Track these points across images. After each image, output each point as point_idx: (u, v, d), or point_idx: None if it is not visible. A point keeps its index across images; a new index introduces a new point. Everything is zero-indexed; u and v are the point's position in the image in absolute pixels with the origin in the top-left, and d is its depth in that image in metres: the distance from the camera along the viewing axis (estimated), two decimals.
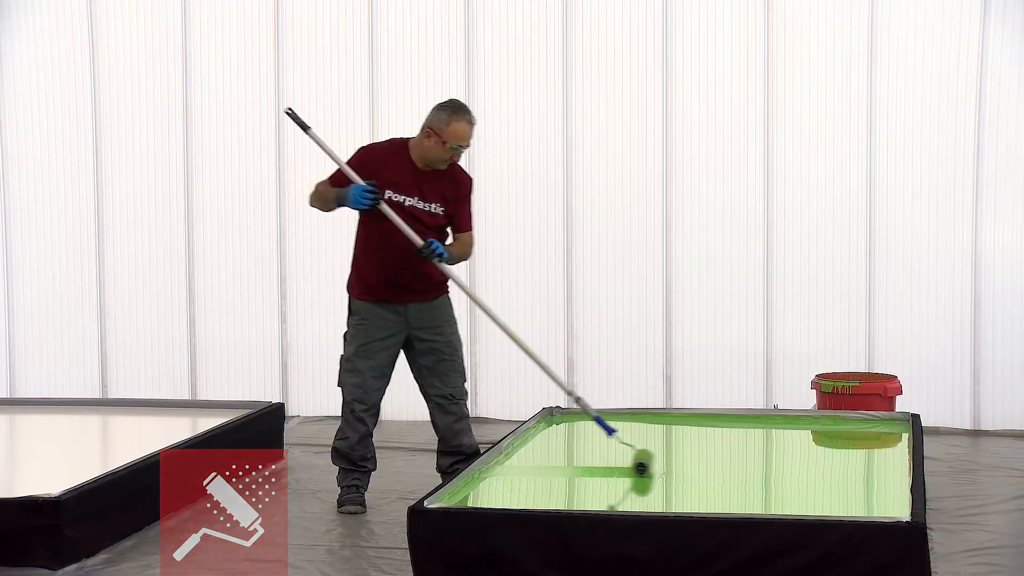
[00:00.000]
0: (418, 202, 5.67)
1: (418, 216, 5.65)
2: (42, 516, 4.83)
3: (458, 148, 5.65)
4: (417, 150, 5.70)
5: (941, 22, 7.58)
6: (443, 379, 5.80)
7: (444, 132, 5.60)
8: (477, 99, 8.02)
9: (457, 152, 5.66)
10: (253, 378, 8.35)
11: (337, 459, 5.86)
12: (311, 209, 8.12)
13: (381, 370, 5.78)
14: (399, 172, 5.67)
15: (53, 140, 8.53)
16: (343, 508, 5.78)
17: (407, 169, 5.68)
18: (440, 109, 5.66)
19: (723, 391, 7.85)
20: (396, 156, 5.71)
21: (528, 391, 7.98)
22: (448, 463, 5.87)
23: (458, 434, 5.84)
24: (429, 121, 5.66)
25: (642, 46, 7.89)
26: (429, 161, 5.68)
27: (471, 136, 5.69)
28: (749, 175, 7.84)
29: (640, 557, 4.41)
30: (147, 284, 8.47)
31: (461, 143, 5.64)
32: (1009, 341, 7.60)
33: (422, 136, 5.67)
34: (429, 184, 5.70)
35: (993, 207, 7.59)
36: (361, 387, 5.76)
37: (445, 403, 5.82)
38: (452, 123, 5.60)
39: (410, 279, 5.69)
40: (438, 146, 5.62)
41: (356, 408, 5.77)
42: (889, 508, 4.92)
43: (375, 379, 5.77)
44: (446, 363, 5.80)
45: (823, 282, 7.82)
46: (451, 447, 5.87)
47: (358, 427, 5.78)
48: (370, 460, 5.88)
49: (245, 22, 8.27)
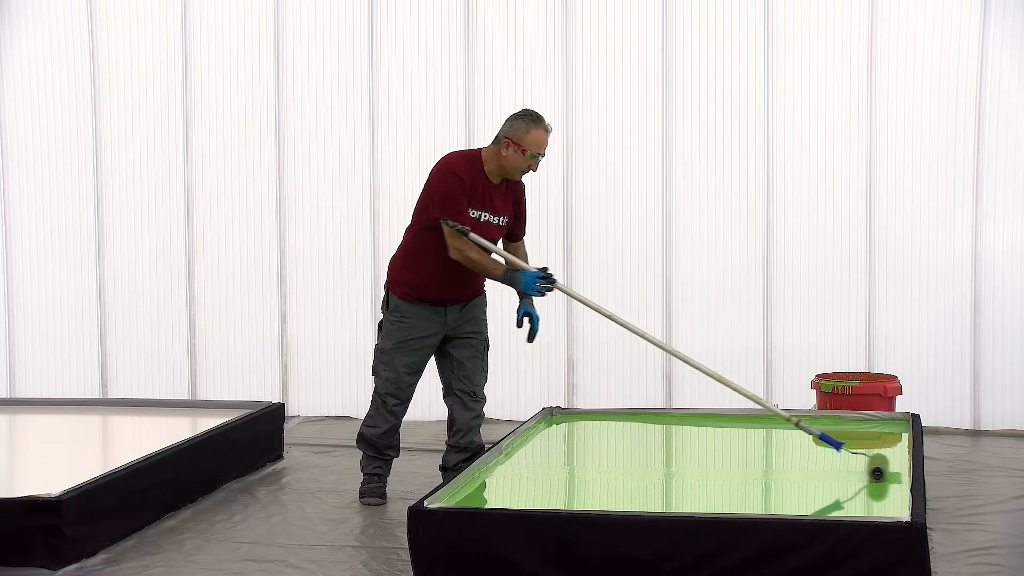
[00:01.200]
0: (492, 217, 5.73)
1: (489, 231, 5.70)
2: (42, 516, 4.83)
3: (537, 157, 5.68)
4: (493, 162, 5.70)
5: (941, 22, 7.58)
6: (470, 375, 5.92)
7: (524, 141, 5.62)
8: (476, 99, 8.03)
9: (536, 161, 5.69)
10: (253, 378, 8.35)
11: (362, 444, 6.00)
12: (311, 209, 8.26)
13: (416, 367, 5.90)
14: (477, 187, 5.69)
15: (53, 140, 8.53)
16: (364, 500, 5.93)
17: (483, 184, 5.71)
18: (517, 119, 5.68)
19: (723, 391, 7.81)
20: (474, 170, 5.70)
21: (528, 391, 7.99)
22: (455, 460, 5.94)
23: (471, 432, 5.94)
24: (506, 131, 5.67)
25: (642, 46, 7.89)
26: (508, 172, 5.71)
27: (547, 143, 5.72)
28: (749, 175, 7.84)
29: (640, 557, 4.42)
30: (147, 284, 8.48)
31: (540, 151, 5.67)
32: (1009, 341, 7.60)
33: (499, 147, 5.67)
34: (499, 197, 5.76)
35: (993, 207, 7.59)
36: (396, 382, 5.87)
37: (468, 399, 5.92)
38: (532, 131, 5.63)
39: (457, 289, 5.81)
40: (518, 155, 5.64)
41: (389, 402, 5.90)
42: (889, 508, 4.92)
43: (409, 375, 5.89)
44: (477, 360, 5.93)
45: (823, 282, 7.82)
46: (462, 444, 5.94)
47: (389, 419, 5.92)
48: (393, 449, 6.04)
49: (245, 22, 8.27)
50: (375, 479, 5.97)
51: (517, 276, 5.58)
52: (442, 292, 5.79)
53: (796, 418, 5.67)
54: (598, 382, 8.03)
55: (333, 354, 8.27)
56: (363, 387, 8.11)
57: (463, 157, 5.76)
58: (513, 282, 5.59)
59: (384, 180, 8.17)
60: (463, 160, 5.73)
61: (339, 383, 8.23)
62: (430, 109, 8.10)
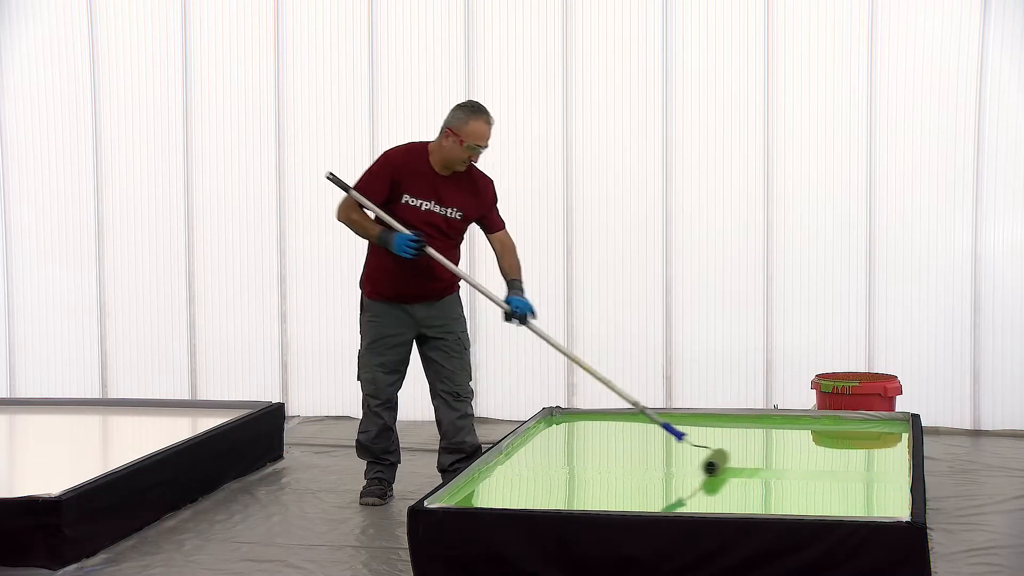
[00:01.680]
0: (435, 206, 5.71)
1: (434, 222, 5.70)
2: (42, 516, 4.83)
3: (476, 148, 5.67)
4: (437, 153, 5.72)
5: (941, 22, 7.58)
6: (450, 376, 5.90)
7: (462, 132, 5.63)
8: (476, 99, 8.01)
9: (475, 152, 5.68)
10: (253, 378, 8.35)
11: (360, 452, 6.03)
12: (311, 209, 8.25)
13: (392, 366, 5.89)
14: (417, 176, 5.70)
15: (53, 140, 8.53)
16: (361, 500, 5.93)
17: (426, 173, 5.71)
18: (458, 109, 5.70)
19: (723, 391, 7.86)
20: (414, 159, 5.73)
21: (528, 391, 7.99)
22: (449, 461, 5.94)
23: (460, 431, 5.92)
24: (448, 122, 5.69)
25: (642, 46, 7.89)
26: (448, 163, 5.70)
27: (489, 136, 5.70)
28: (749, 175, 7.84)
29: (640, 557, 4.42)
30: (147, 284, 8.48)
31: (479, 143, 5.66)
32: (1009, 341, 7.60)
33: (441, 137, 5.70)
34: (448, 189, 5.73)
35: (993, 207, 7.59)
36: (374, 383, 5.89)
37: (450, 399, 5.91)
38: (470, 122, 5.63)
39: (420, 288, 5.78)
40: (456, 146, 5.65)
41: (371, 403, 5.92)
42: (889, 508, 4.93)
43: (386, 375, 5.88)
44: (454, 360, 5.90)
45: (823, 282, 7.82)
46: (453, 444, 5.93)
47: (376, 421, 5.93)
48: (392, 453, 6.03)
49: (245, 22, 8.27)
50: (376, 483, 5.97)
51: (391, 237, 5.59)
52: (401, 289, 5.78)
53: (641, 405, 5.77)
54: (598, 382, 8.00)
55: (333, 354, 8.26)
56: None
57: (405, 147, 5.84)
58: (387, 243, 5.60)
59: None
60: (403, 149, 5.81)
61: (339, 383, 8.22)
62: (430, 109, 8.07)
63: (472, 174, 5.81)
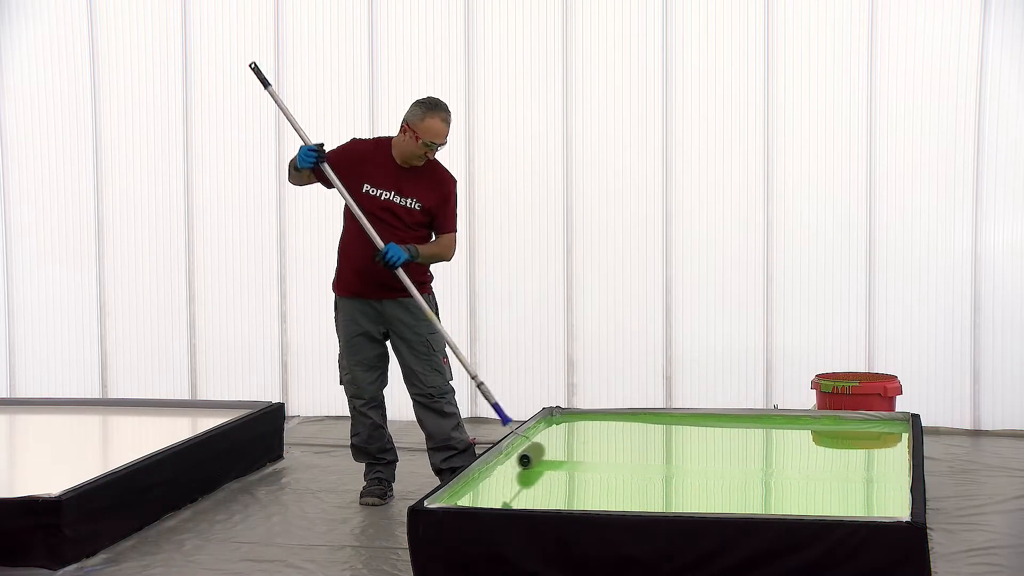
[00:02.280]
0: (394, 197, 5.74)
1: (395, 211, 5.73)
2: (42, 516, 4.83)
3: (431, 145, 5.69)
4: (397, 147, 5.77)
5: (941, 22, 7.58)
6: (421, 378, 5.86)
7: (418, 128, 5.66)
8: (477, 98, 8.03)
9: (431, 149, 5.71)
10: (253, 378, 8.35)
11: (356, 455, 6.04)
12: (311, 209, 8.25)
13: (369, 363, 5.89)
14: (379, 167, 5.76)
15: (53, 140, 8.53)
16: (361, 500, 5.94)
17: (387, 165, 5.77)
18: (416, 105, 5.73)
19: (723, 391, 7.85)
20: (379, 152, 5.81)
21: (528, 391, 7.99)
22: (440, 459, 5.92)
23: (443, 428, 5.89)
24: (405, 117, 5.74)
25: (642, 45, 7.89)
26: (406, 157, 5.75)
27: (446, 133, 5.73)
28: (749, 175, 7.84)
29: (640, 557, 4.42)
30: (147, 284, 8.48)
31: (435, 140, 5.69)
32: (1009, 341, 7.60)
33: (400, 132, 5.75)
34: (409, 181, 5.77)
35: (993, 207, 7.59)
36: (353, 382, 5.92)
37: (426, 401, 5.88)
38: (426, 119, 5.66)
39: (384, 276, 5.70)
40: (412, 141, 5.69)
41: (356, 403, 5.93)
42: (889, 508, 4.93)
43: (364, 372, 5.89)
44: (423, 361, 5.84)
45: (823, 282, 7.82)
46: (440, 443, 5.91)
47: (363, 421, 5.93)
48: (388, 452, 6.04)
49: (245, 22, 8.27)
50: (376, 483, 5.99)
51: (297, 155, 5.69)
52: (360, 284, 5.79)
53: (479, 380, 5.80)
54: (598, 382, 8.03)
55: (333, 354, 8.17)
56: None
57: (376, 138, 6.01)
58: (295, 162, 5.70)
59: None
60: (374, 139, 5.98)
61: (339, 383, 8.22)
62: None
63: (435, 169, 5.84)
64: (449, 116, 5.74)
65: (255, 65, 5.91)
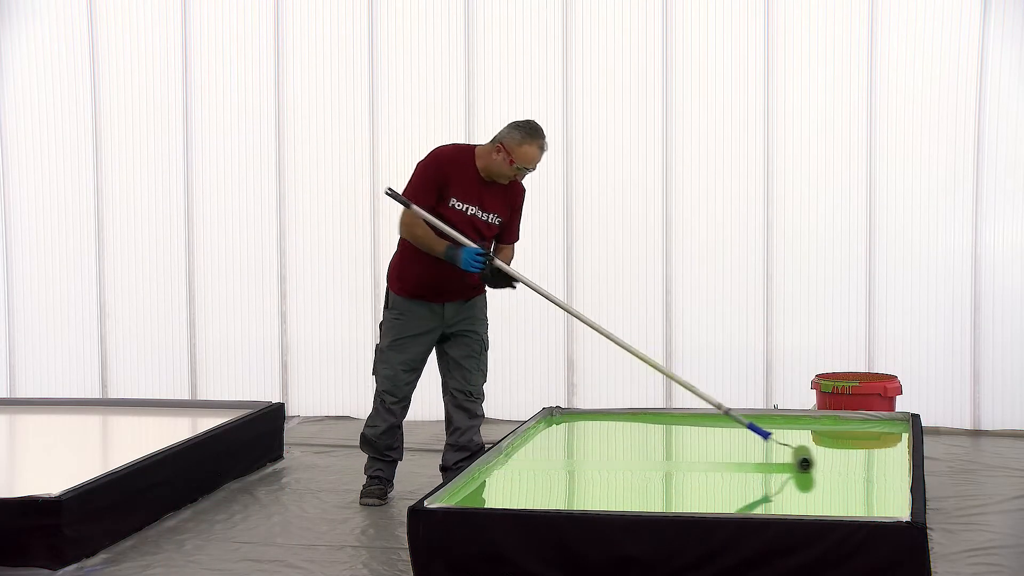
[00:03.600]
0: (479, 212, 5.75)
1: (477, 226, 5.73)
2: (42, 516, 4.83)
3: (524, 170, 5.72)
4: (484, 160, 5.74)
5: (941, 22, 7.58)
6: (466, 375, 5.92)
7: (515, 152, 5.66)
8: (476, 98, 8.03)
9: (522, 173, 5.75)
10: (253, 378, 8.35)
11: (363, 445, 6.03)
12: (311, 209, 8.25)
13: (413, 364, 5.91)
14: (464, 180, 5.72)
15: (53, 140, 8.53)
16: (361, 501, 5.94)
17: (473, 178, 5.74)
18: (515, 128, 5.70)
19: (723, 391, 7.84)
20: (464, 163, 5.75)
21: (528, 391, 7.99)
22: (454, 460, 5.95)
23: (468, 431, 5.96)
24: (501, 137, 5.70)
25: (642, 47, 7.89)
26: (493, 174, 5.75)
27: (539, 161, 5.75)
28: (749, 175, 7.84)
29: (640, 557, 4.42)
30: (147, 284, 8.48)
31: (528, 165, 5.71)
32: (1009, 341, 7.60)
33: (492, 149, 5.71)
34: (491, 195, 5.78)
35: (993, 207, 7.59)
36: (392, 379, 5.90)
37: (463, 398, 5.94)
38: (524, 145, 5.66)
39: (453, 286, 5.79)
40: (505, 163, 5.67)
41: (387, 400, 5.93)
42: (889, 508, 4.92)
43: (406, 372, 5.90)
44: (473, 359, 5.93)
45: (823, 282, 7.82)
46: (460, 444, 5.96)
47: (387, 418, 5.94)
48: (395, 451, 6.04)
49: (245, 22, 8.27)
50: (376, 481, 5.99)
51: (458, 253, 5.58)
52: (437, 288, 5.80)
53: (725, 407, 5.71)
54: (598, 382, 8.02)
55: (333, 354, 8.27)
56: (363, 387, 8.13)
57: (455, 147, 5.87)
58: (454, 259, 5.59)
59: (384, 180, 8.14)
60: (454, 149, 5.83)
61: (339, 383, 8.23)
62: (430, 109, 8.10)
63: (512, 183, 5.85)
64: (546, 144, 5.75)
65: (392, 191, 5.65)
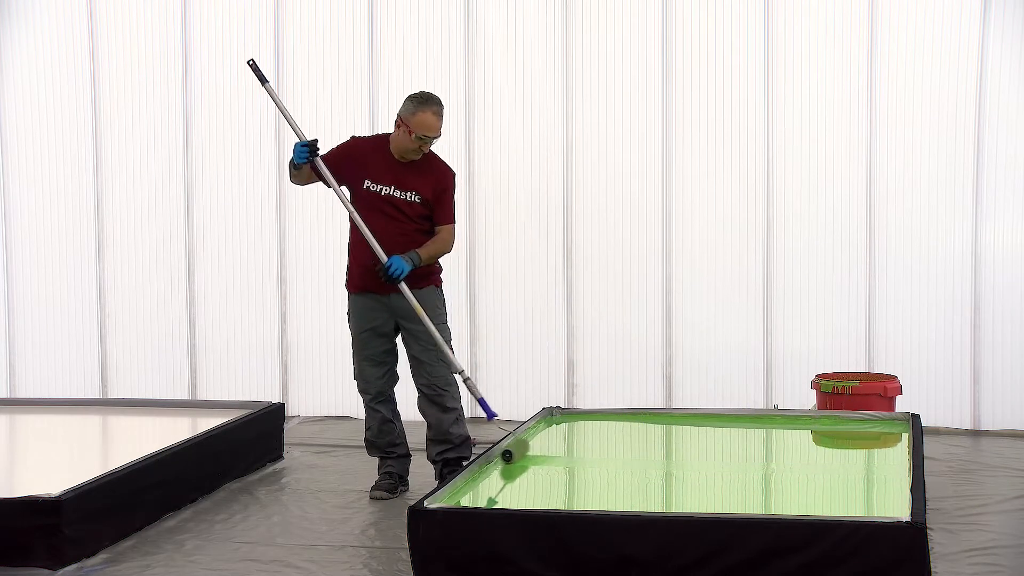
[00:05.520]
0: (395, 191, 5.84)
1: (396, 204, 5.83)
2: (42, 516, 4.83)
3: (425, 138, 5.78)
4: (394, 143, 5.87)
5: (941, 22, 7.58)
6: (427, 368, 5.97)
7: (410, 122, 5.76)
8: (477, 99, 8.03)
9: (424, 142, 5.80)
10: (253, 378, 8.35)
11: (368, 449, 6.17)
12: (310, 209, 8.25)
13: (377, 358, 5.99)
14: (378, 163, 5.87)
15: (53, 140, 8.52)
16: (372, 494, 6.02)
17: (387, 160, 5.88)
18: (408, 100, 5.83)
19: (723, 391, 7.85)
20: (378, 148, 5.92)
21: (528, 391, 7.99)
22: (436, 451, 6.04)
23: (443, 423, 6.01)
24: (399, 112, 5.83)
25: (642, 47, 7.89)
26: (402, 151, 5.85)
27: (439, 126, 5.81)
28: (749, 175, 7.84)
29: (640, 557, 4.42)
30: (147, 284, 8.47)
31: (427, 133, 5.77)
32: (1009, 341, 7.60)
33: (395, 127, 5.85)
34: (408, 175, 5.87)
35: (993, 207, 7.59)
36: (361, 377, 6.04)
37: (430, 393, 6.00)
38: (418, 113, 5.76)
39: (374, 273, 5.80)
40: (406, 136, 5.79)
41: (364, 397, 6.07)
42: (889, 508, 4.93)
43: (372, 367, 6.00)
44: (429, 352, 5.94)
45: (823, 282, 7.81)
46: (439, 435, 6.04)
47: (374, 415, 6.06)
48: (399, 446, 6.13)
49: (245, 22, 8.27)
50: (386, 476, 6.08)
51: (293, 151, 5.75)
52: (369, 279, 5.85)
53: (466, 375, 5.89)
54: (598, 382, 8.02)
55: (333, 354, 8.25)
56: None
57: (375, 135, 6.13)
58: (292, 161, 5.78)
59: None
60: (373, 136, 6.10)
61: (339, 383, 8.21)
62: None
63: (433, 162, 5.95)
64: (441, 109, 5.82)
65: (253, 62, 5.96)
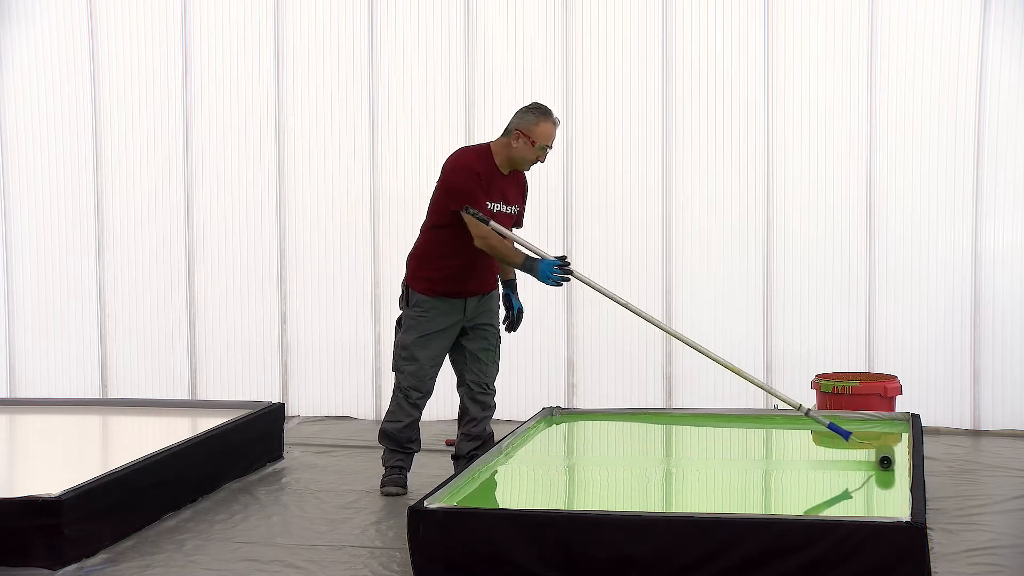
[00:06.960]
0: (503, 207, 5.90)
1: (501, 220, 5.84)
2: (42, 516, 4.83)
3: (545, 149, 5.85)
4: (503, 153, 5.88)
5: (941, 22, 7.58)
6: (483, 367, 6.10)
7: (533, 133, 5.80)
8: (476, 98, 8.03)
9: (543, 153, 5.87)
10: (253, 378, 8.35)
11: (383, 439, 6.14)
12: (310, 209, 8.25)
13: (437, 359, 6.07)
14: (490, 180, 5.87)
15: (53, 140, 8.52)
16: (384, 489, 6.06)
17: (494, 176, 5.89)
18: (528, 111, 5.86)
19: (723, 391, 7.85)
20: (487, 164, 5.88)
21: (528, 391, 7.99)
22: (468, 448, 6.12)
23: (482, 421, 6.13)
24: (516, 124, 5.85)
25: (642, 47, 7.89)
26: (517, 162, 5.90)
27: (555, 137, 5.89)
28: (749, 175, 7.84)
29: (640, 557, 4.42)
30: (147, 284, 8.47)
31: (548, 143, 5.85)
32: (1009, 341, 7.60)
33: (510, 139, 5.85)
34: (509, 188, 5.93)
35: (993, 207, 7.59)
36: (418, 375, 6.01)
37: (478, 391, 6.10)
38: (541, 124, 5.82)
39: (476, 280, 5.96)
40: (527, 147, 5.82)
41: (412, 395, 6.04)
42: (889, 508, 4.93)
43: (431, 367, 6.04)
44: (490, 352, 6.10)
45: (823, 282, 7.82)
46: (474, 433, 6.12)
47: (412, 412, 6.07)
48: (415, 443, 6.17)
49: (245, 22, 8.27)
50: (397, 471, 6.10)
51: (536, 264, 5.69)
52: (461, 285, 5.94)
53: (806, 408, 5.81)
54: (598, 382, 8.02)
55: (333, 354, 8.26)
56: (363, 387, 8.14)
57: (474, 152, 5.96)
58: (532, 270, 5.69)
59: (384, 180, 8.17)
60: (475, 155, 5.92)
61: (339, 383, 8.23)
62: (430, 108, 8.10)
63: (516, 172, 6.00)
64: (558, 120, 5.93)
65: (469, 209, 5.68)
